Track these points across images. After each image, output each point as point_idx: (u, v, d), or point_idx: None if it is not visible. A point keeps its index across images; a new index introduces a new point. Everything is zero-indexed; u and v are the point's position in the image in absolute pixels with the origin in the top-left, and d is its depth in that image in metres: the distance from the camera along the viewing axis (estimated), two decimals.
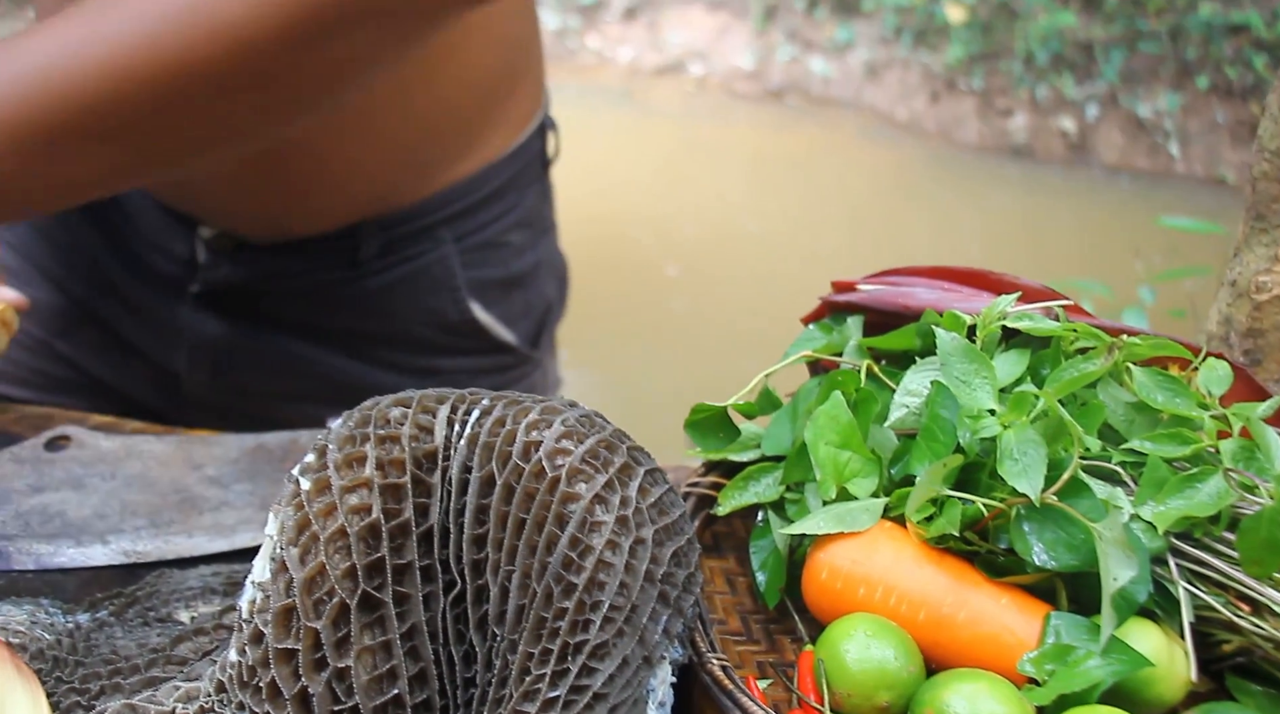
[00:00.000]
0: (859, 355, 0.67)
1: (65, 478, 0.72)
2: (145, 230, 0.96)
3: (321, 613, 0.47)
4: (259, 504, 0.70)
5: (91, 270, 0.99)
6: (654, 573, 0.49)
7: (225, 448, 0.76)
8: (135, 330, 1.00)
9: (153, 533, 0.68)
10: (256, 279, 0.94)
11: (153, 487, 0.71)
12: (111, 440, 0.76)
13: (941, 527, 0.58)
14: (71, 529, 0.68)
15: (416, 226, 0.94)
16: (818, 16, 6.16)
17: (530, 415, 0.50)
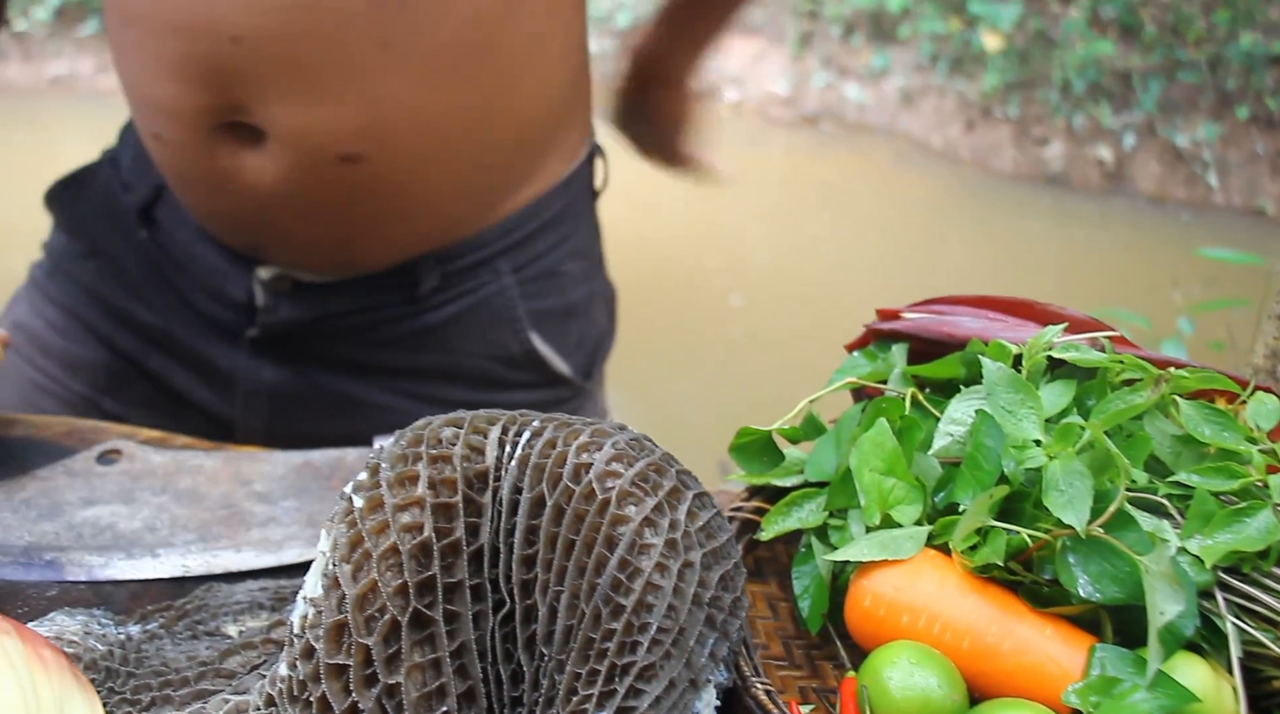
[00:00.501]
0: (904, 383, 0.67)
1: (116, 491, 0.73)
2: (200, 276, 0.96)
3: (373, 629, 0.48)
4: (306, 521, 0.71)
5: (142, 325, 0.98)
6: (701, 596, 0.49)
7: (273, 465, 0.77)
8: (187, 382, 0.99)
9: (201, 547, 0.69)
10: (314, 320, 0.93)
11: (202, 502, 0.72)
12: (161, 455, 0.77)
13: (986, 556, 0.58)
14: (122, 542, 0.69)
15: (475, 258, 0.94)
16: (853, 43, 6.17)
17: (580, 438, 0.51)
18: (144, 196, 0.97)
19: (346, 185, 0.84)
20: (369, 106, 0.81)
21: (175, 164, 0.88)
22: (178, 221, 0.96)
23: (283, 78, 0.80)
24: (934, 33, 5.71)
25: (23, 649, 0.49)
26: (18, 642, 0.49)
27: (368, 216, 0.87)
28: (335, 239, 0.90)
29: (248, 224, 0.90)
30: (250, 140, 0.83)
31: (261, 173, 0.84)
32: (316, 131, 0.81)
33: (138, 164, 0.97)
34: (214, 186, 0.87)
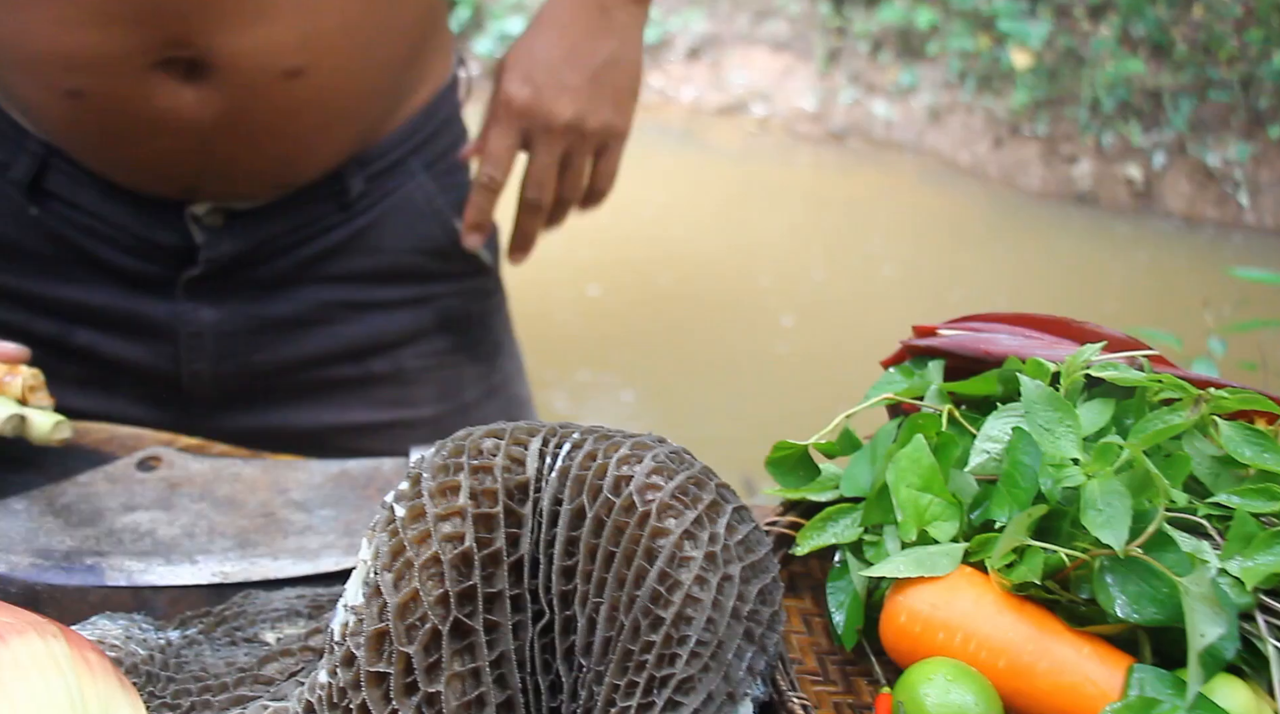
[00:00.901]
0: (940, 400, 0.68)
1: (156, 498, 0.74)
2: (121, 233, 0.94)
3: (414, 638, 0.48)
4: (342, 529, 0.72)
5: (57, 304, 0.96)
6: (740, 610, 0.49)
7: (309, 473, 0.77)
8: (119, 348, 0.97)
9: (239, 554, 0.69)
10: (254, 246, 0.95)
11: (240, 509, 0.73)
12: (200, 462, 0.78)
13: (1023, 574, 0.57)
14: (161, 548, 0.69)
15: (392, 159, 0.99)
16: (881, 60, 6.17)
17: (621, 450, 0.51)
18: (26, 170, 0.93)
19: (288, 101, 0.87)
20: (306, 20, 0.84)
21: (97, 118, 0.86)
22: (77, 184, 0.93)
23: (223, 3, 0.80)
24: (963, 50, 5.70)
25: (69, 652, 0.50)
26: (65, 645, 0.50)
27: (306, 130, 0.90)
28: (275, 159, 0.91)
29: (183, 164, 0.89)
30: (189, 74, 0.83)
31: (204, 105, 0.84)
32: (260, 51, 0.83)
33: (5, 138, 0.93)
34: (147, 132, 0.86)
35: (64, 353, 0.96)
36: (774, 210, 5.34)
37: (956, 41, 5.70)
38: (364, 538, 0.51)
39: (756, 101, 6.53)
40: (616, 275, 4.41)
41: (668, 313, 4.22)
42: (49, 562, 0.67)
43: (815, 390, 3.57)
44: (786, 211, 5.34)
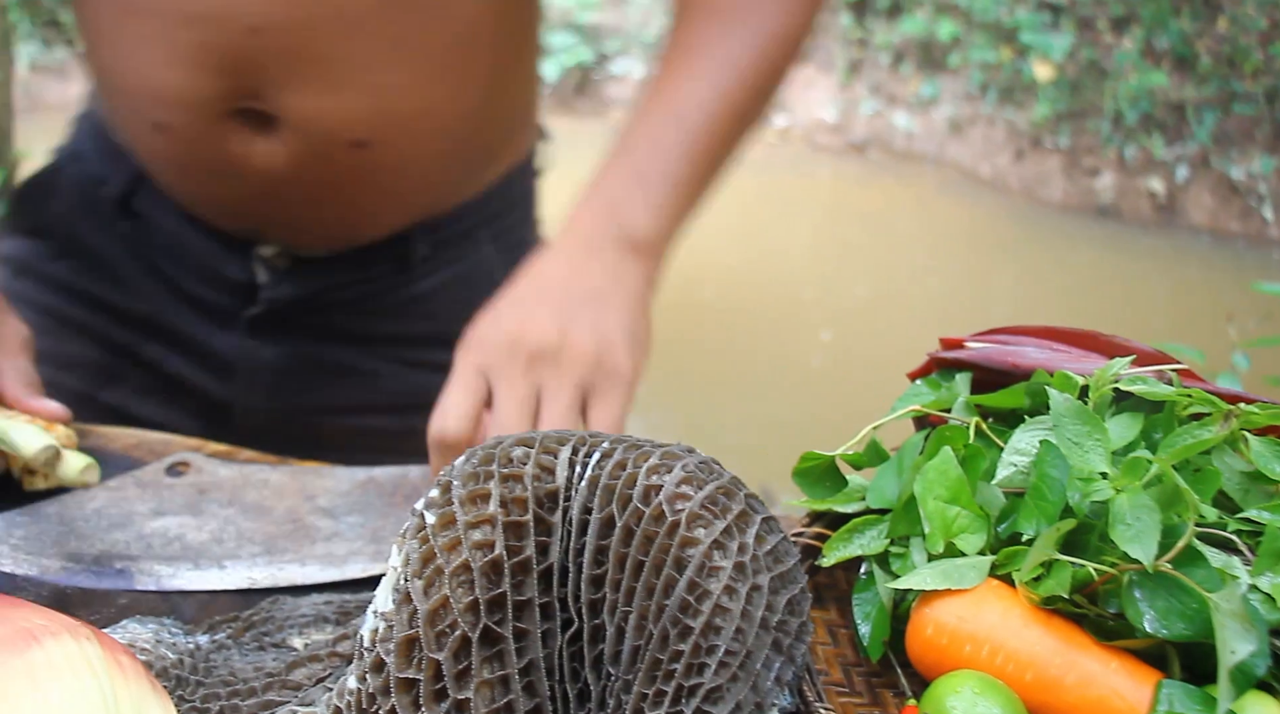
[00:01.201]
0: (968, 412, 0.67)
1: (184, 503, 0.74)
2: (194, 262, 0.98)
3: (443, 645, 0.48)
4: (369, 536, 0.72)
5: (132, 315, 1.00)
6: (769, 620, 0.49)
7: (337, 480, 0.78)
8: (183, 367, 1.01)
9: (267, 560, 0.70)
10: (314, 293, 0.98)
11: (268, 515, 0.74)
12: (229, 468, 0.78)
13: (1051, 588, 0.57)
14: (190, 553, 0.70)
15: (459, 229, 1.01)
16: (903, 71, 6.17)
17: (650, 460, 0.51)
18: (121, 187, 0.98)
19: (353, 168, 0.89)
20: (377, 97, 0.86)
21: (178, 152, 0.90)
22: (162, 210, 0.97)
23: (298, 67, 0.83)
24: (984, 62, 5.70)
25: (102, 654, 0.50)
26: (98, 647, 0.50)
27: (370, 196, 0.92)
28: (338, 217, 0.94)
29: (251, 208, 0.93)
30: (261, 126, 0.86)
31: (272, 157, 0.87)
32: (328, 119, 0.86)
33: (107, 157, 0.99)
34: (220, 172, 0.89)
35: (132, 361, 1.01)
36: (793, 221, 5.35)
37: (978, 53, 5.69)
38: (393, 544, 0.51)
39: (777, 112, 6.53)
40: None
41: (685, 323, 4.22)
42: (79, 565, 0.68)
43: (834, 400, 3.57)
44: (806, 222, 5.34)
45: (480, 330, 0.78)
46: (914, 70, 6.10)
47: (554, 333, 0.75)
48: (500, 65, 0.95)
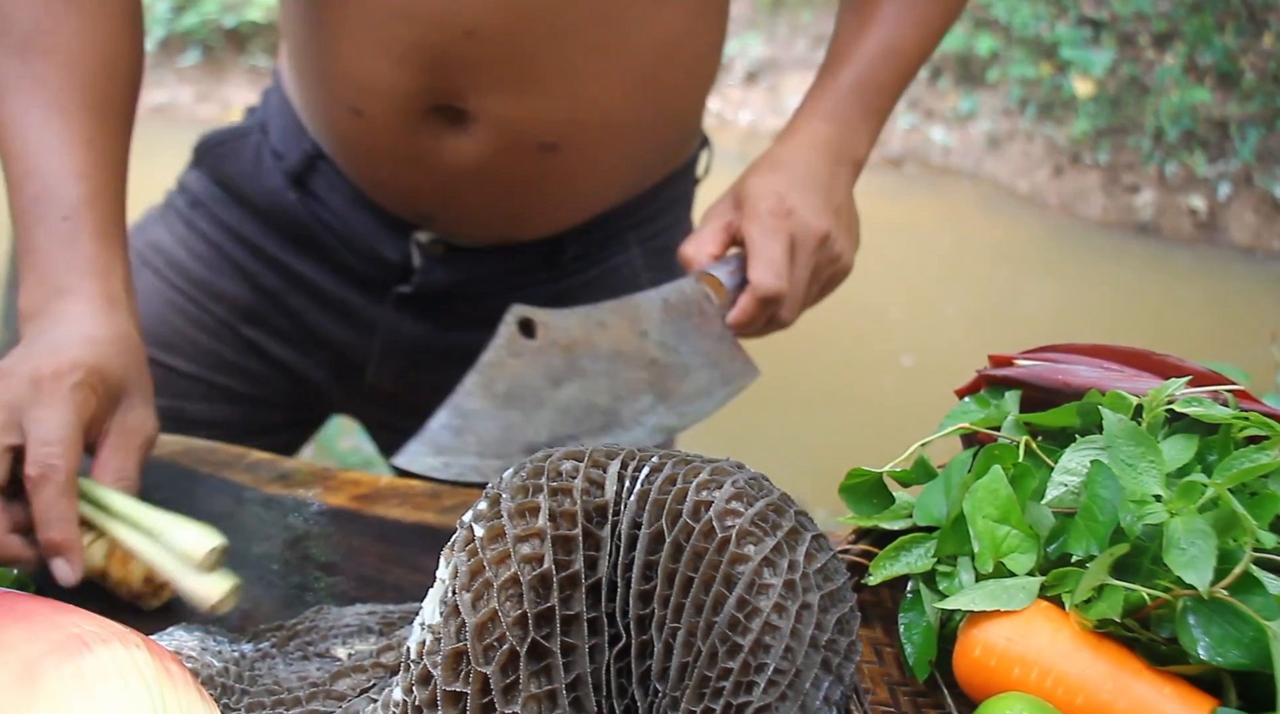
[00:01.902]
0: (1017, 430, 0.67)
1: (565, 364, 0.81)
2: (352, 239, 1.02)
3: (491, 658, 0.48)
4: (707, 361, 0.84)
5: (287, 269, 1.05)
6: (818, 639, 0.49)
7: (647, 308, 0.86)
8: (325, 322, 1.05)
9: (666, 407, 0.81)
10: (464, 281, 1.01)
11: (632, 361, 0.83)
12: (567, 317, 0.84)
13: (1102, 611, 0.57)
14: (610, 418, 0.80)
15: (611, 230, 1.04)
16: (940, 86, 6.15)
17: (701, 475, 0.51)
18: (296, 164, 1.02)
19: (537, 170, 0.92)
20: (574, 104, 0.89)
21: (369, 138, 0.93)
22: (332, 189, 1.02)
23: (503, 71, 0.86)
24: (1023, 77, 5.66)
25: (152, 662, 0.50)
26: (147, 654, 0.50)
27: (545, 198, 0.95)
28: (508, 215, 0.98)
29: (428, 198, 0.96)
30: (454, 123, 0.89)
31: (460, 154, 0.90)
32: (523, 120, 0.89)
33: (288, 134, 1.03)
34: (407, 162, 0.92)
35: (279, 307, 1.06)
36: None
37: (1017, 69, 5.66)
38: (442, 556, 0.51)
39: None
40: None
41: None
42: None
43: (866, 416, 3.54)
44: None
45: (777, 199, 0.89)
46: (951, 85, 6.07)
47: (831, 230, 0.90)
48: (691, 80, 0.98)
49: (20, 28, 0.79)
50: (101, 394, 0.73)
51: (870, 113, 0.96)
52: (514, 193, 0.94)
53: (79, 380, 0.71)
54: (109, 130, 0.81)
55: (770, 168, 0.92)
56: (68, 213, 0.77)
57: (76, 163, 0.78)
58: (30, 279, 0.77)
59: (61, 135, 0.78)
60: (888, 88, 0.97)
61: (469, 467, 0.74)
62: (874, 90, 0.96)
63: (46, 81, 0.79)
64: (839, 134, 0.94)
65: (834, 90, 0.96)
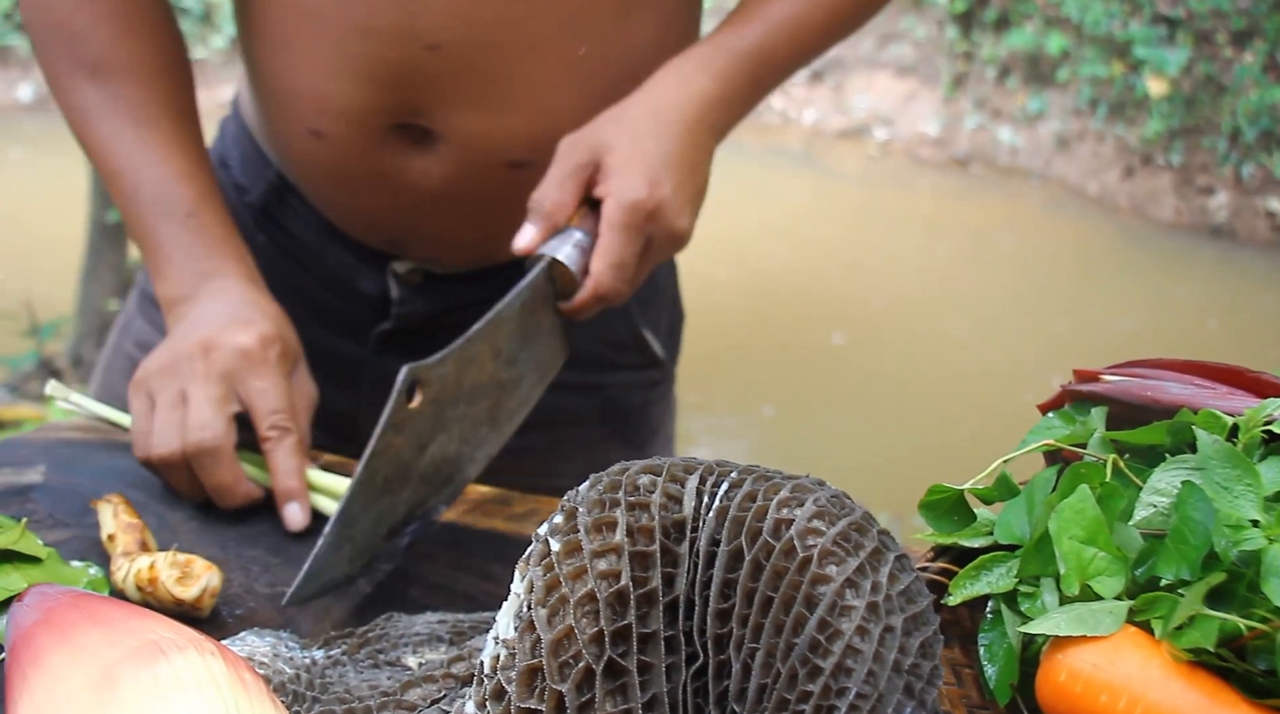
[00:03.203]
0: (1104, 449, 0.65)
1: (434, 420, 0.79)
2: (329, 274, 1.00)
3: (567, 676, 0.47)
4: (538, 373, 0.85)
5: None
6: (901, 663, 0.48)
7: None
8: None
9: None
10: (444, 310, 0.99)
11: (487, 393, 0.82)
12: (442, 367, 0.82)
13: (1195, 640, 0.54)
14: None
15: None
16: (1009, 85, 6.06)
17: (781, 492, 0.50)
18: (260, 196, 1.00)
19: (506, 188, 0.89)
20: (541, 119, 0.87)
21: (332, 160, 0.90)
22: (300, 220, 0.99)
23: (469, 87, 0.84)
24: (1095, 76, 5.57)
25: (226, 670, 0.50)
26: (221, 663, 0.50)
27: (516, 217, 0.91)
28: (479, 236, 0.95)
29: (397, 220, 0.94)
30: (419, 142, 0.87)
31: (427, 173, 0.88)
32: (491, 137, 0.87)
33: (249, 165, 1.01)
34: (372, 184, 0.90)
35: None
36: (894, 235, 5.28)
37: (1088, 68, 5.56)
38: (517, 570, 0.51)
39: (878, 125, 6.46)
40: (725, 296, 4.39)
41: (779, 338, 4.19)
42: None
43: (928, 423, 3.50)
44: (907, 237, 5.27)
45: (647, 192, 0.83)
46: (1020, 84, 5.99)
47: (689, 227, 0.86)
48: (637, 73, 0.95)
49: (91, 55, 0.86)
50: (291, 363, 0.85)
51: (757, 85, 0.91)
52: (484, 213, 0.92)
53: (280, 351, 0.83)
54: (195, 135, 0.89)
55: (646, 131, 0.85)
56: (190, 209, 0.85)
57: (179, 166, 0.86)
58: (168, 271, 0.85)
59: (158, 145, 0.85)
60: (781, 65, 0.92)
61: (341, 576, 0.72)
62: (768, 62, 0.91)
63: (129, 100, 0.86)
64: (723, 97, 0.88)
65: (731, 50, 0.89)
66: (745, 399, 3.78)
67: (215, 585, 0.68)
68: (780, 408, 3.73)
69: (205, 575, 0.68)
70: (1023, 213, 5.62)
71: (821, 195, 5.82)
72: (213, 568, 0.69)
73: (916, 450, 3.21)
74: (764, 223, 5.18)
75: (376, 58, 0.83)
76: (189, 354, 0.80)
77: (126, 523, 0.73)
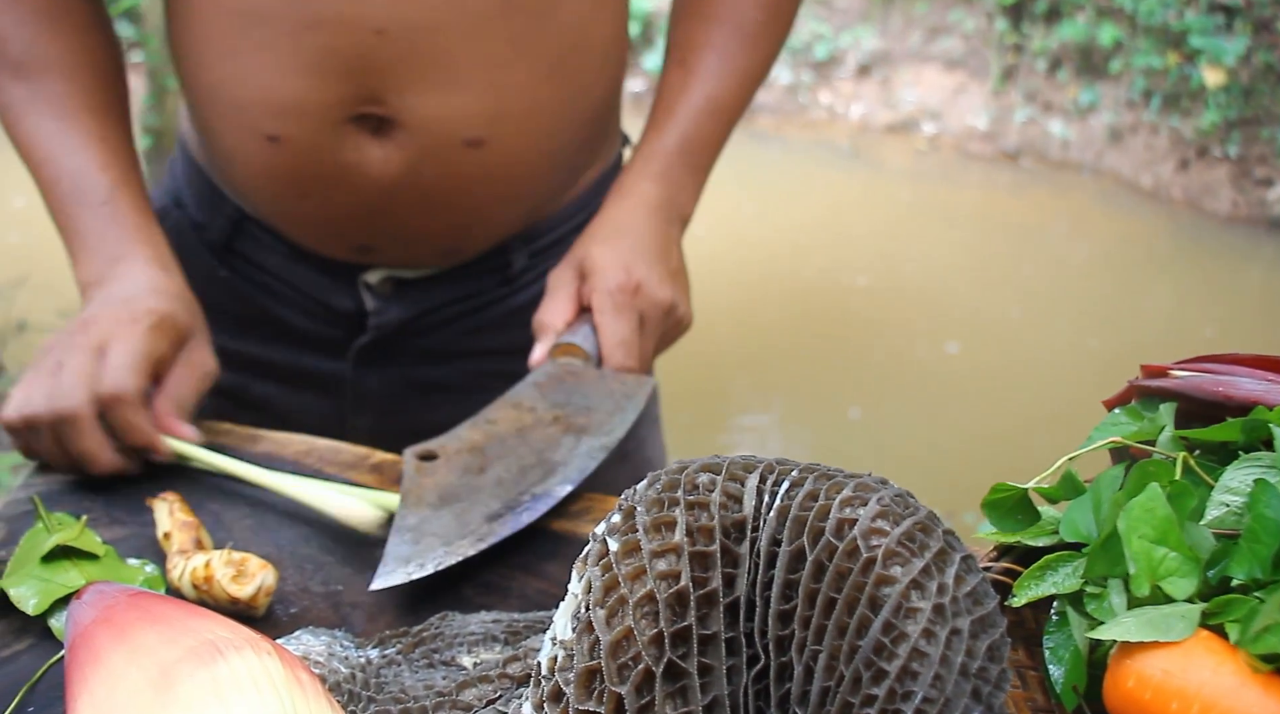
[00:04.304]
0: (1174, 446, 0.63)
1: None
2: (301, 296, 1.01)
3: (626, 678, 0.46)
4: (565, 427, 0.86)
5: (239, 359, 1.03)
6: (968, 666, 0.46)
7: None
8: (294, 402, 1.04)
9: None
10: (419, 315, 1.00)
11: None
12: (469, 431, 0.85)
13: (1272, 646, 0.53)
14: None
15: (554, 237, 1.04)
16: (1060, 78, 5.98)
17: (844, 492, 0.49)
18: (221, 232, 1.01)
19: (467, 170, 0.91)
20: (494, 95, 0.89)
21: (291, 165, 0.91)
22: (265, 248, 1.00)
23: (420, 68, 0.85)
24: (1148, 67, 5.47)
25: (283, 670, 0.50)
26: (278, 663, 0.50)
27: (480, 201, 0.94)
28: (446, 227, 0.96)
29: (362, 222, 0.95)
30: (377, 131, 0.88)
31: (387, 163, 0.89)
32: (446, 118, 0.88)
33: (203, 201, 1.02)
34: (333, 183, 0.91)
35: (242, 403, 1.05)
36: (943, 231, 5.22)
37: (1142, 59, 5.47)
38: (574, 570, 0.50)
39: (927, 119, 6.40)
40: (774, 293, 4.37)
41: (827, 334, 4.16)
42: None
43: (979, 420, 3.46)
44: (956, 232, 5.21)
45: (624, 273, 0.92)
46: (1072, 76, 5.91)
47: (675, 297, 0.94)
48: (603, 67, 0.98)
49: (14, 54, 0.90)
50: (171, 337, 0.85)
51: (695, 169, 0.99)
52: (448, 199, 0.93)
53: (153, 323, 0.84)
54: (115, 128, 0.92)
55: (610, 236, 0.94)
56: (104, 198, 0.89)
57: (97, 157, 0.89)
58: (83, 257, 0.89)
59: (77, 137, 0.90)
60: (711, 142, 1.00)
61: (441, 554, 0.72)
62: (699, 147, 0.99)
63: (50, 96, 0.90)
64: (668, 194, 0.97)
65: (661, 151, 0.98)
66: (791, 394, 3.76)
67: (270, 584, 0.68)
68: (826, 403, 3.70)
69: (260, 574, 0.68)
70: (1075, 207, 5.54)
71: (869, 191, 5.77)
72: (268, 566, 0.69)
73: (968, 447, 3.17)
74: (810, 219, 5.15)
75: (327, 48, 0.84)
76: (72, 330, 0.84)
77: (182, 521, 0.73)
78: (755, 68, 1.01)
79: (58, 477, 0.83)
